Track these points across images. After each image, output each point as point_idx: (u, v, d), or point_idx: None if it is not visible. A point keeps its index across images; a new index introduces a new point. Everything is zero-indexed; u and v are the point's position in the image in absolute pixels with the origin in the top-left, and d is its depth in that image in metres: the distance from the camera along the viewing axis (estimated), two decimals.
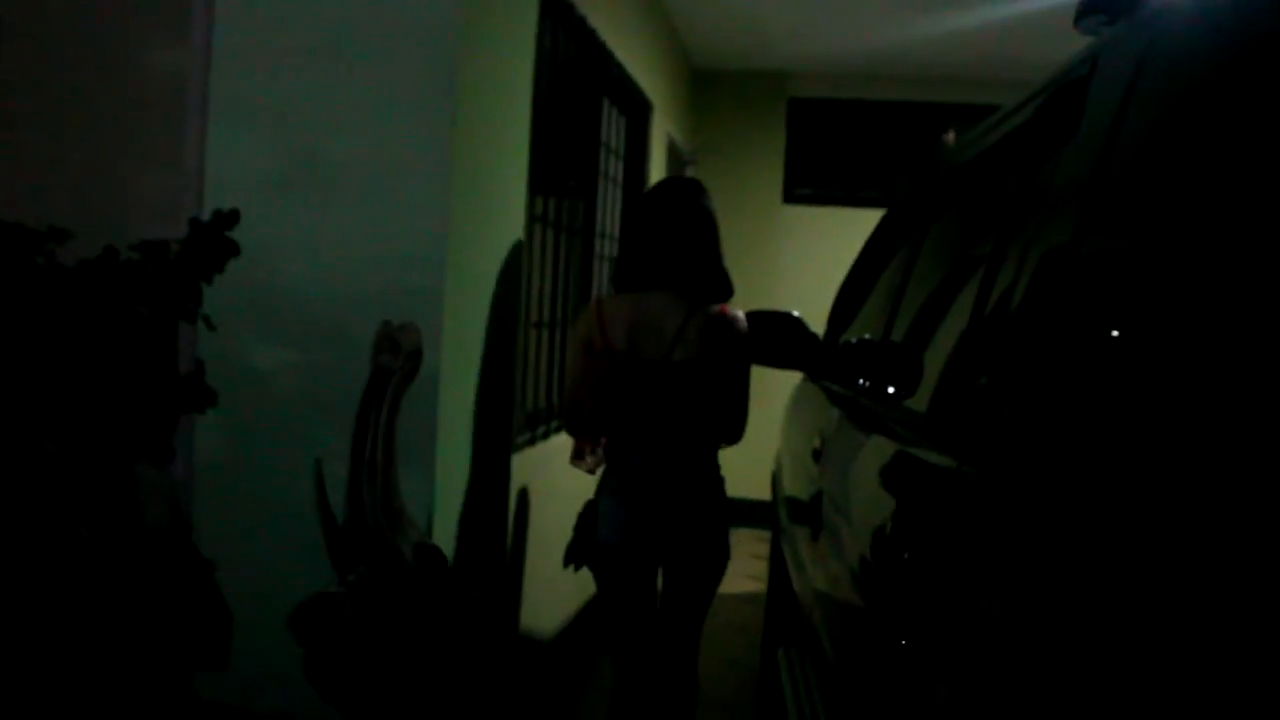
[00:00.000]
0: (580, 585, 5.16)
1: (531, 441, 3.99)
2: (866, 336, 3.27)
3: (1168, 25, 1.49)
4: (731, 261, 3.38)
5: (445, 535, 2.57)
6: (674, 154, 7.44)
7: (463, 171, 2.63)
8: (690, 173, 8.19)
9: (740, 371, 3.25)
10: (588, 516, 3.23)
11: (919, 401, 2.20)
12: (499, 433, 3.18)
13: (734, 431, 3.33)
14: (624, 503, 3.11)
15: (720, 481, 3.30)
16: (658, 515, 3.12)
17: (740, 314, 3.26)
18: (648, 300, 3.12)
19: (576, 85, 4.63)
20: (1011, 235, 1.85)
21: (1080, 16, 1.92)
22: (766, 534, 7.17)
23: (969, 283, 2.16)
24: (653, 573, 3.24)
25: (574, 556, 3.26)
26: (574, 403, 3.12)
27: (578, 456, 3.28)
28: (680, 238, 3.16)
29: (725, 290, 3.28)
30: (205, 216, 2.50)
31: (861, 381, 2.90)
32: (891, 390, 2.52)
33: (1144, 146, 1.41)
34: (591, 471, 3.29)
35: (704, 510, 3.19)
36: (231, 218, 2.48)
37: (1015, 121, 2.21)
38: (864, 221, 7.75)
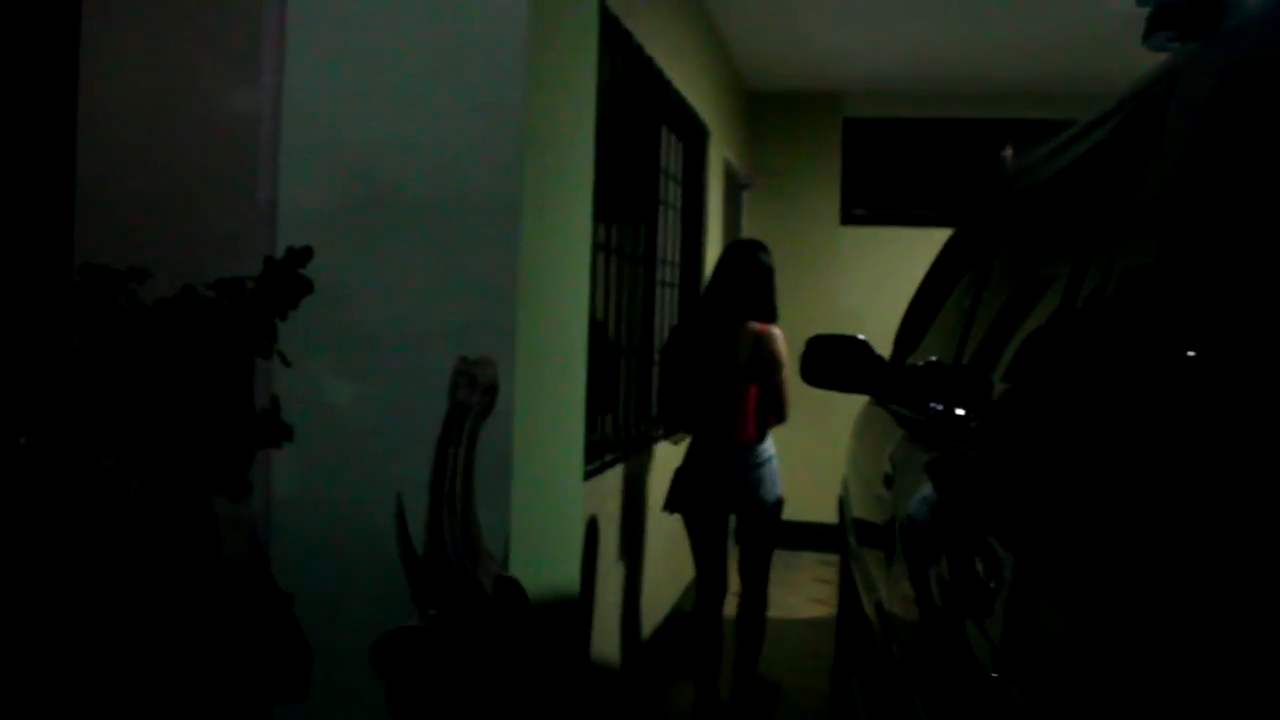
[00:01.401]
0: (650, 610, 5.15)
1: (600, 470, 3.99)
2: (935, 359, 3.25)
3: (1254, 42, 1.47)
4: (790, 284, 4.87)
5: (520, 567, 2.57)
6: (731, 178, 7.45)
7: (531, 204, 2.65)
8: (747, 196, 8.19)
9: (777, 370, 4.46)
10: (679, 479, 4.54)
11: (993, 424, 2.18)
12: (570, 462, 3.19)
13: (781, 412, 4.56)
14: (705, 473, 4.45)
15: (772, 453, 4.57)
16: (728, 478, 4.44)
17: (775, 329, 4.48)
18: (721, 329, 4.47)
19: (636, 113, 4.65)
20: (1091, 255, 1.83)
21: (1150, 33, 1.90)
22: (830, 557, 7.15)
23: (1044, 303, 2.14)
24: (725, 518, 4.59)
25: (671, 505, 4.57)
26: (670, 404, 4.63)
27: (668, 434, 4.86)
28: (743, 286, 4.52)
29: (772, 316, 4.57)
30: (279, 254, 2.54)
31: (933, 405, 2.88)
32: (964, 413, 2.51)
33: (1232, 165, 1.39)
34: (675, 443, 4.78)
35: (760, 473, 4.48)
36: (305, 254, 2.52)
37: (1090, 141, 2.19)
38: (922, 241, 7.72)
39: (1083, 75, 6.96)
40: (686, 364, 4.48)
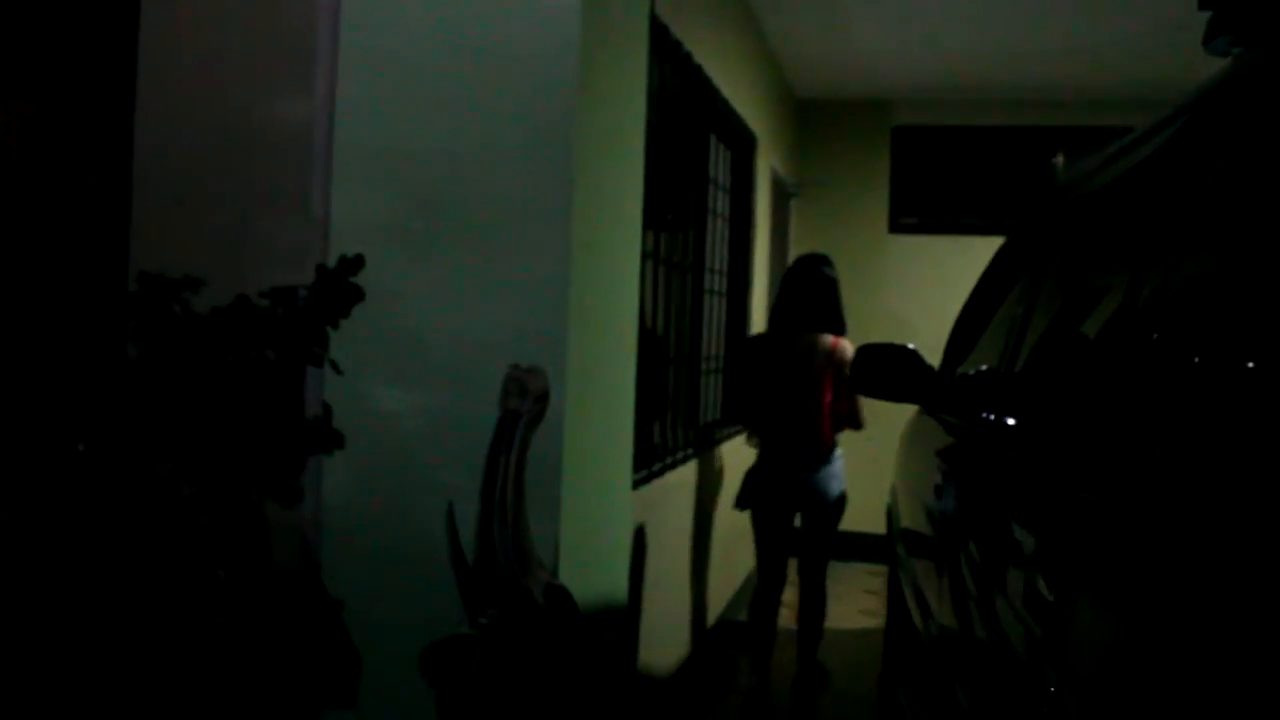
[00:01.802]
0: (695, 622, 5.14)
1: (648, 479, 3.99)
2: (986, 368, 3.22)
3: None
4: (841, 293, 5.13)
5: (570, 575, 2.57)
6: (778, 187, 7.43)
7: (582, 214, 2.65)
8: (794, 205, 8.16)
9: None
10: (750, 479, 4.97)
11: (1047, 434, 2.16)
12: (619, 471, 3.19)
13: (856, 421, 5.04)
14: (774, 473, 4.89)
15: (839, 455, 4.98)
16: (796, 476, 4.86)
17: (846, 342, 4.84)
18: (791, 339, 4.91)
19: (684, 121, 4.65)
20: (1151, 264, 1.80)
21: (1210, 37, 1.87)
22: (877, 568, 7.09)
23: (1102, 313, 2.11)
24: (789, 519, 4.98)
25: (741, 503, 5.03)
26: (740, 404, 5.21)
27: (750, 437, 5.13)
28: (809, 299, 4.96)
29: (840, 328, 5.00)
30: (331, 263, 2.55)
31: (985, 415, 2.85)
32: (1017, 423, 2.48)
33: None
34: (753, 446, 5.08)
35: (830, 469, 4.90)
36: (356, 263, 2.53)
37: (1148, 148, 2.15)
38: (972, 250, 7.66)
39: (1136, 81, 6.88)
40: (764, 373, 4.92)
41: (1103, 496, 1.64)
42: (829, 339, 4.89)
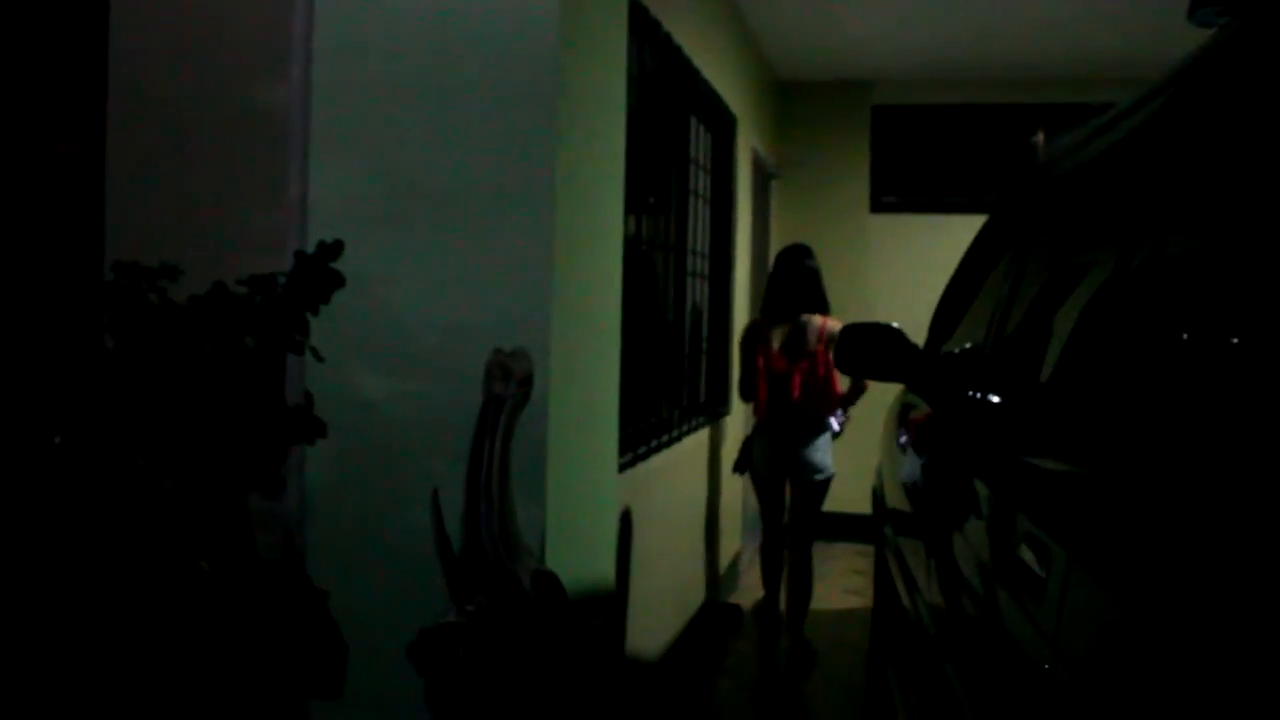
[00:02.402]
0: (682, 604, 5.14)
1: (633, 462, 3.97)
2: (970, 347, 3.21)
3: None
4: (823, 273, 5.74)
5: (556, 560, 2.55)
6: (759, 167, 7.41)
7: (564, 196, 2.63)
8: (775, 186, 8.14)
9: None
10: (747, 445, 5.76)
11: (1034, 412, 2.14)
12: (604, 455, 3.17)
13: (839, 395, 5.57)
14: (769, 441, 5.54)
15: (828, 428, 5.57)
16: (788, 447, 5.48)
17: (834, 321, 5.41)
18: (784, 323, 5.52)
19: (664, 102, 4.62)
20: (1137, 240, 1.79)
21: (1194, 8, 1.85)
22: (864, 548, 7.11)
23: (1086, 290, 2.10)
24: (783, 484, 5.64)
25: (739, 467, 5.86)
26: (748, 383, 5.58)
27: (755, 414, 5.65)
28: (794, 288, 5.58)
29: (826, 310, 5.63)
30: (310, 249, 2.52)
31: (970, 393, 2.84)
32: (1001, 401, 2.47)
33: None
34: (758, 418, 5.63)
35: (815, 446, 5.50)
36: (335, 249, 2.50)
37: (1133, 123, 2.14)
38: (954, 228, 7.66)
39: (1117, 57, 6.88)
40: (763, 353, 5.50)
41: (1090, 473, 1.63)
42: (818, 319, 5.50)
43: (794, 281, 5.58)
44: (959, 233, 7.25)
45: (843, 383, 5.49)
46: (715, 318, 6.08)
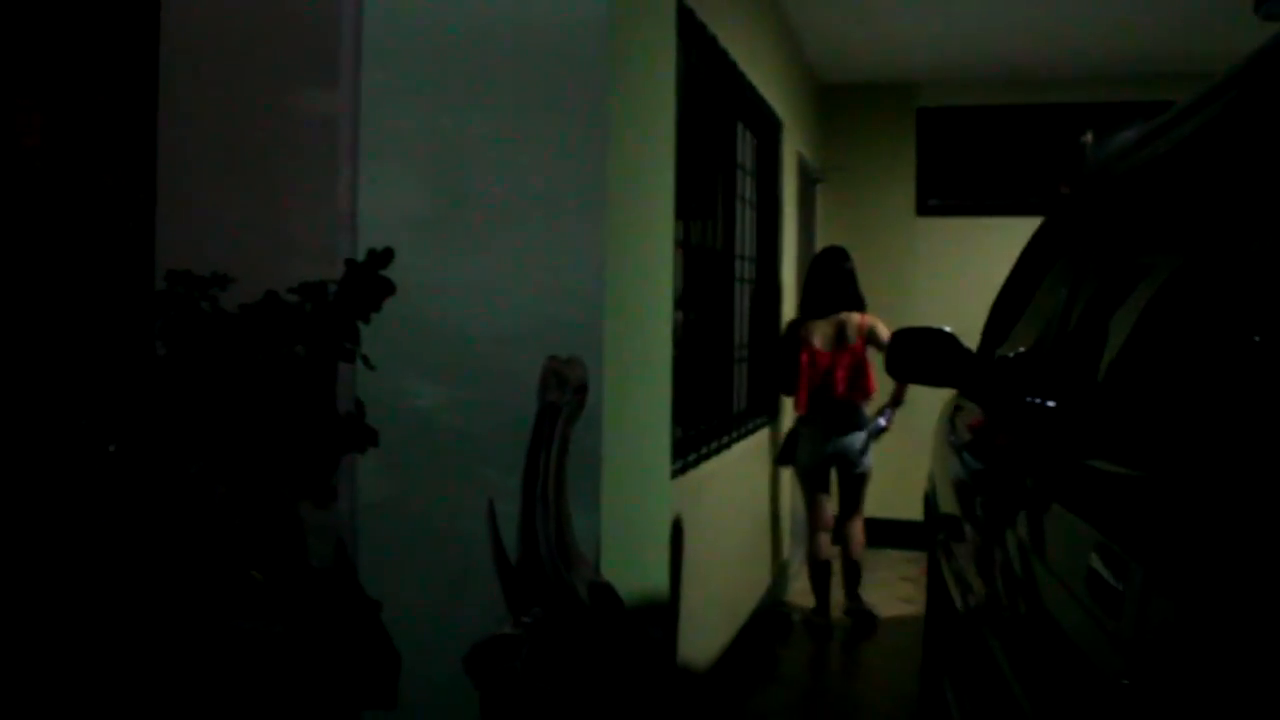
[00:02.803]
0: (733, 613, 5.09)
1: (684, 469, 3.93)
2: (1028, 351, 3.15)
3: None
4: (865, 277, 6.20)
5: (611, 570, 2.52)
6: (804, 172, 7.35)
7: (615, 202, 2.60)
8: (820, 190, 8.09)
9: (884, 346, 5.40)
10: (792, 439, 6.03)
11: (1102, 416, 2.09)
12: (658, 462, 3.14)
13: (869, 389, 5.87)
14: (814, 433, 5.88)
15: (867, 421, 5.92)
16: (833, 441, 5.83)
17: (871, 317, 5.93)
18: (823, 320, 5.91)
19: (712, 108, 4.58)
20: (1208, 241, 1.73)
21: (1261, 1, 1.80)
22: (912, 554, 7.03)
23: (1158, 292, 2.04)
24: (828, 474, 5.95)
25: (783, 459, 6.14)
26: (790, 377, 5.91)
27: (797, 408, 5.97)
28: (834, 286, 5.98)
29: (862, 307, 6.00)
30: (360, 257, 2.50)
31: (1030, 399, 2.79)
32: (1063, 405, 2.41)
33: None
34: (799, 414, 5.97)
35: (856, 438, 5.86)
36: (386, 256, 2.48)
37: (1198, 120, 2.08)
38: (1001, 231, 7.58)
39: (1169, 54, 6.77)
40: (805, 348, 5.86)
41: (1161, 478, 1.58)
42: (856, 315, 5.90)
43: (834, 280, 5.98)
44: (1006, 235, 7.20)
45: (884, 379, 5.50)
46: (762, 323, 6.03)
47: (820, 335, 5.88)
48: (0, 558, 2.22)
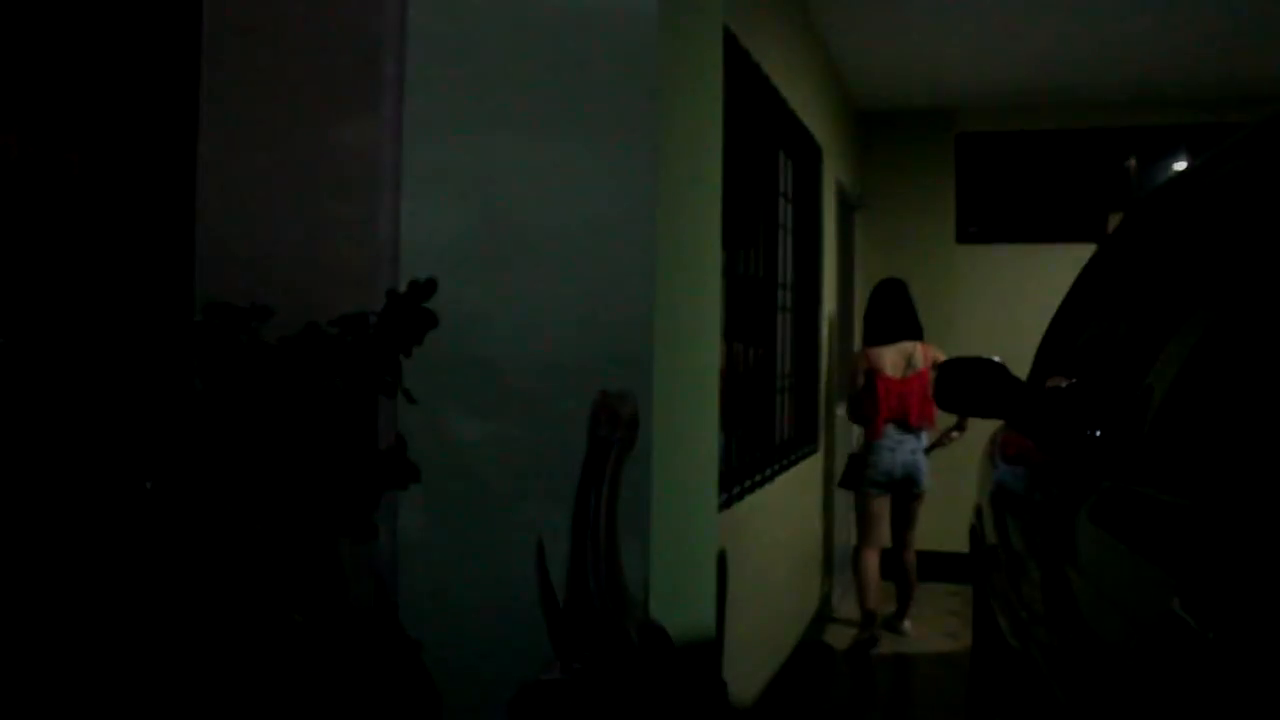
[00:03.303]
0: (776, 646, 5.00)
1: (729, 503, 3.86)
2: (1085, 381, 3.07)
3: None
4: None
5: (659, 608, 2.44)
6: (843, 198, 7.28)
7: (664, 230, 2.53)
8: (859, 217, 8.01)
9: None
10: (859, 462, 6.31)
11: (1171, 448, 2.01)
12: (706, 497, 3.06)
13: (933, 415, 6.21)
14: (886, 457, 6.18)
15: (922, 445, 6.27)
16: (904, 464, 6.19)
17: (931, 346, 6.36)
18: (890, 347, 6.25)
19: (754, 134, 4.52)
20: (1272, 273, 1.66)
21: None
22: (956, 588, 6.90)
23: (1226, 324, 1.97)
24: (892, 496, 6.28)
25: (846, 483, 6.42)
26: (863, 403, 6.24)
27: (870, 435, 6.25)
28: (900, 315, 6.33)
29: (921, 336, 6.38)
30: (402, 287, 2.45)
31: (1089, 431, 2.70)
32: (1129, 438, 2.34)
33: None
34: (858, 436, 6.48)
35: (922, 461, 6.25)
36: (429, 288, 2.42)
37: (1257, 147, 2.01)
38: (1043, 258, 7.50)
39: (1214, 79, 6.67)
40: (879, 375, 6.17)
41: (1217, 511, 1.51)
42: (919, 344, 6.27)
43: (900, 310, 6.33)
44: (1048, 262, 7.13)
45: None
46: (803, 352, 5.96)
47: (890, 363, 6.19)
48: (34, 595, 2.17)
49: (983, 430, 4.43)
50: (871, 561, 6.22)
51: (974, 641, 4.56)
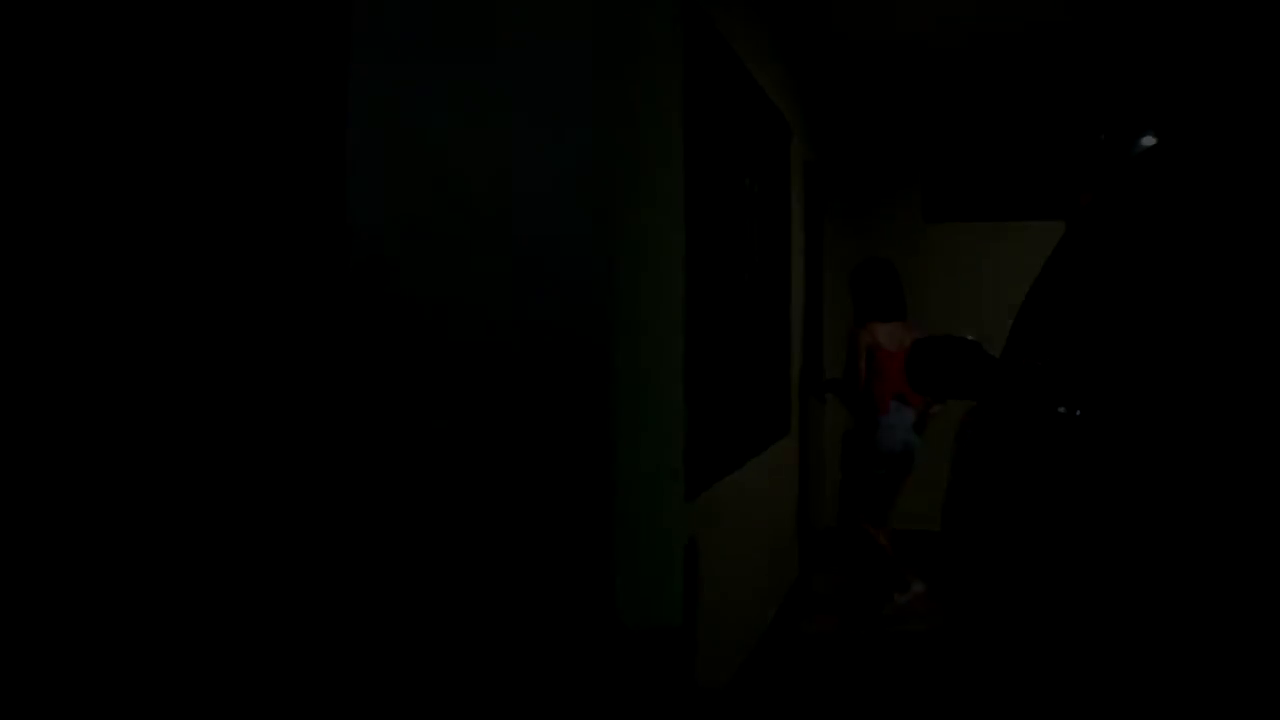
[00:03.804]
0: (746, 630, 4.96)
1: (697, 490, 3.79)
2: (1057, 359, 3.02)
3: None
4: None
5: (628, 601, 2.37)
6: (810, 178, 7.21)
7: (623, 208, 2.44)
8: (826, 196, 7.97)
9: None
10: (859, 435, 6.35)
11: (1151, 423, 1.96)
12: (672, 483, 2.98)
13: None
14: (890, 431, 6.21)
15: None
16: (906, 437, 6.27)
17: (914, 326, 6.20)
18: (885, 324, 6.26)
19: (719, 109, 4.43)
20: (1253, 247, 1.60)
21: None
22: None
23: (1195, 298, 1.92)
24: (885, 468, 6.31)
25: (850, 464, 6.47)
26: (860, 378, 6.25)
27: (879, 409, 6.26)
28: (893, 294, 6.36)
29: (905, 314, 6.42)
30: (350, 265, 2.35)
31: (1064, 410, 2.64)
32: (1096, 414, 2.29)
33: None
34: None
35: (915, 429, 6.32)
36: (375, 265, 2.34)
37: (1261, 121, 1.95)
38: (1012, 235, 7.47)
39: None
40: (878, 351, 6.19)
41: (1193, 486, 1.47)
42: (904, 323, 6.27)
43: (892, 288, 6.34)
44: (1017, 240, 7.09)
45: None
46: (772, 335, 5.89)
47: (886, 338, 6.18)
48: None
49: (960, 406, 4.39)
50: (880, 538, 6.34)
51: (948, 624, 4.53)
